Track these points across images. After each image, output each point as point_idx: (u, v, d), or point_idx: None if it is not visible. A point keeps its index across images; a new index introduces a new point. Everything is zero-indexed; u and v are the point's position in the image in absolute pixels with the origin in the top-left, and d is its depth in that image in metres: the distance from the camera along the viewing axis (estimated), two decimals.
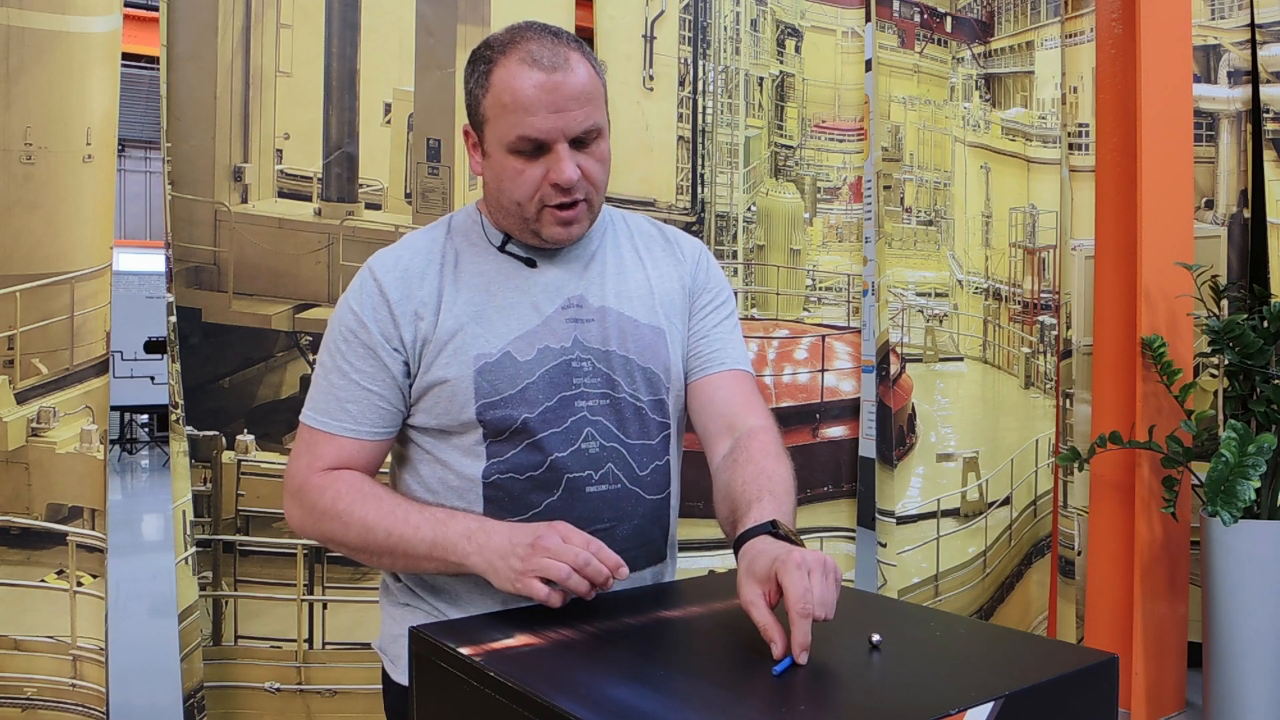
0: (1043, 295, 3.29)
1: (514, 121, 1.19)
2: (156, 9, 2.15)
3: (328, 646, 2.28)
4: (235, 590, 2.24)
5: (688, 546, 2.62)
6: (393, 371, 1.25)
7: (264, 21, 2.25)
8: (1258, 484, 2.64)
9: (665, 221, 1.49)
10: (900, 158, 3.05)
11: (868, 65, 3.11)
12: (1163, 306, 3.00)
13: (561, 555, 1.09)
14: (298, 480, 1.26)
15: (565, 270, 1.31)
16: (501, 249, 1.29)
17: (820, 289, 3.01)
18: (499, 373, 1.23)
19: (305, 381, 2.29)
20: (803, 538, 1.11)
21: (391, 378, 1.25)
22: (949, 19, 3.17)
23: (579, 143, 1.21)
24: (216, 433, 2.22)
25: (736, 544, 1.12)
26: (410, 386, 1.27)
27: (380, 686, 1.38)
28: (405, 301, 1.25)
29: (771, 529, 1.10)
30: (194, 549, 2.16)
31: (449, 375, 1.23)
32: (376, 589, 2.32)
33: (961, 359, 3.17)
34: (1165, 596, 3.00)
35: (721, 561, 2.75)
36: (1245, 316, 2.88)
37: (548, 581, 1.10)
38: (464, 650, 0.97)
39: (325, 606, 2.28)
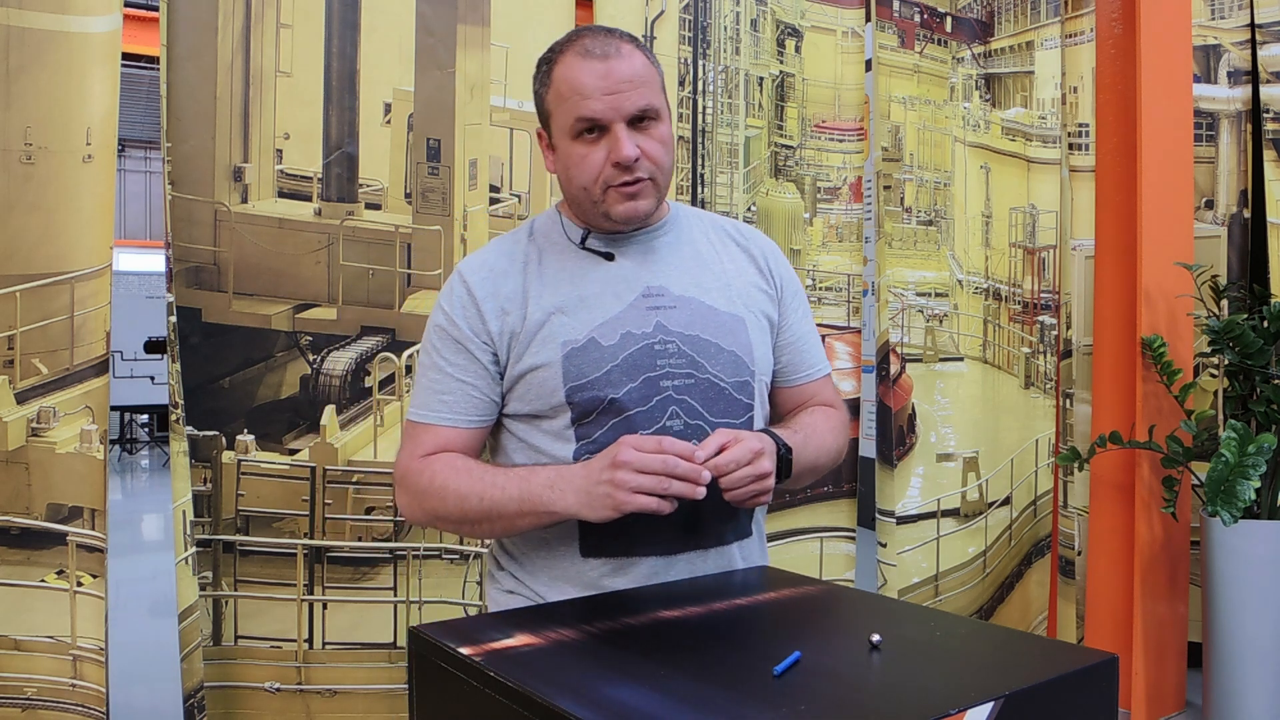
0: (1043, 295, 3.29)
1: (572, 107, 1.28)
2: (156, 9, 2.15)
3: (328, 646, 2.28)
4: (235, 590, 2.24)
5: None
6: (483, 363, 1.34)
7: (264, 21, 2.25)
8: (1258, 484, 2.64)
9: None
10: (900, 158, 3.05)
11: (868, 65, 3.11)
12: (1163, 306, 3.00)
13: (646, 465, 1.16)
14: (401, 469, 1.36)
15: (642, 262, 1.38)
16: (581, 245, 1.38)
17: (820, 289, 3.01)
18: (584, 357, 1.31)
19: (305, 381, 2.29)
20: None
21: (483, 369, 1.35)
22: (949, 19, 3.17)
23: (638, 125, 1.29)
24: (216, 433, 2.22)
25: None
26: (502, 376, 1.35)
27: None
28: (491, 298, 1.34)
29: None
30: (194, 549, 2.16)
31: (539, 362, 1.32)
32: (376, 589, 2.32)
33: (961, 359, 3.17)
34: (1165, 596, 3.00)
35: None
36: (1245, 316, 2.88)
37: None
38: (464, 650, 0.97)
39: (325, 606, 2.28)
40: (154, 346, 9.70)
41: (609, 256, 1.37)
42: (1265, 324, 2.87)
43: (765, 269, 1.47)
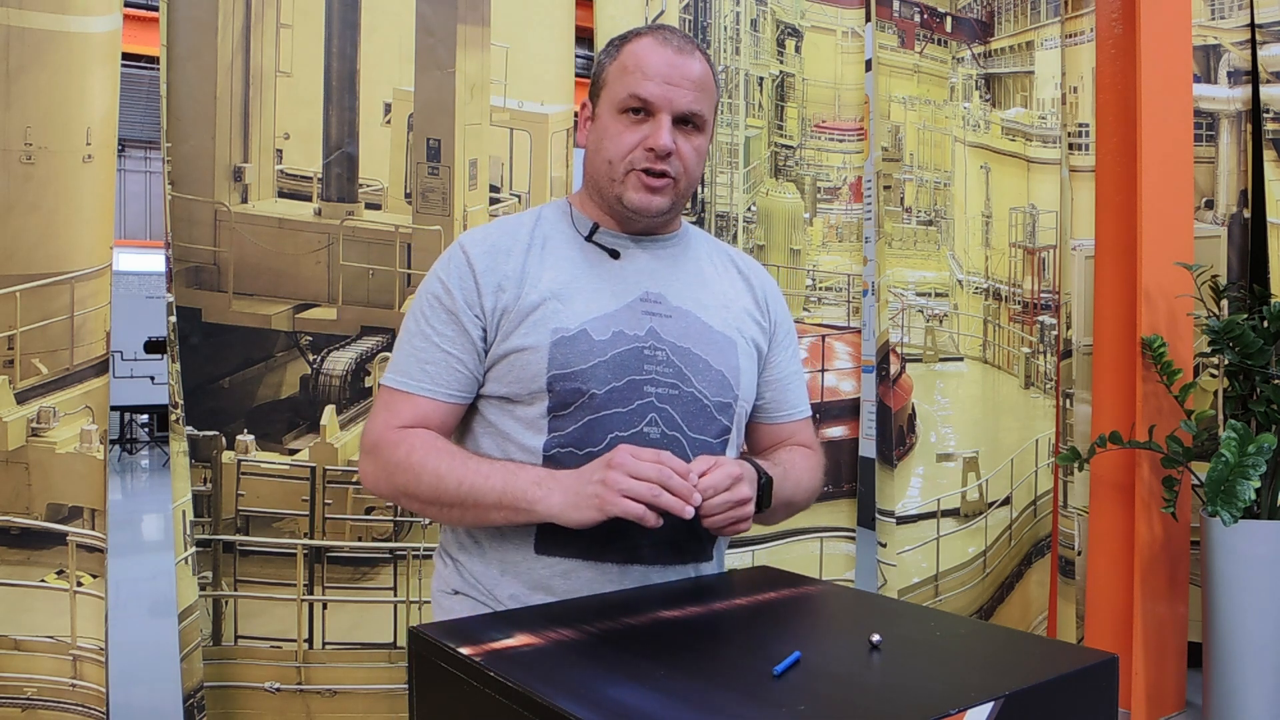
0: (1043, 295, 3.29)
1: (630, 81, 1.30)
2: (156, 9, 2.15)
3: (328, 646, 2.28)
4: (235, 590, 2.24)
5: None
6: (472, 337, 1.32)
7: (264, 21, 2.25)
8: (1258, 484, 2.64)
9: None
10: (900, 158, 3.05)
11: (868, 65, 3.11)
12: (1163, 306, 3.00)
13: (641, 472, 1.14)
14: (373, 437, 1.32)
15: (646, 265, 1.38)
16: (589, 238, 1.37)
17: (820, 289, 3.01)
18: (573, 347, 1.29)
19: (305, 381, 2.29)
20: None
21: (471, 343, 1.32)
22: (949, 19, 3.17)
23: (682, 125, 1.31)
24: (216, 433, 2.22)
25: None
26: (486, 354, 1.33)
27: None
28: (490, 273, 1.32)
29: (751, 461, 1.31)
30: (194, 549, 2.16)
31: (526, 344, 1.29)
32: (376, 589, 2.32)
33: (961, 359, 3.17)
34: (1165, 596, 3.00)
35: None
36: (1245, 316, 2.88)
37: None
38: (464, 650, 0.97)
39: (325, 606, 2.28)
40: (154, 346, 9.70)
41: (614, 254, 1.36)
42: (1265, 324, 2.87)
43: (762, 301, 1.47)
